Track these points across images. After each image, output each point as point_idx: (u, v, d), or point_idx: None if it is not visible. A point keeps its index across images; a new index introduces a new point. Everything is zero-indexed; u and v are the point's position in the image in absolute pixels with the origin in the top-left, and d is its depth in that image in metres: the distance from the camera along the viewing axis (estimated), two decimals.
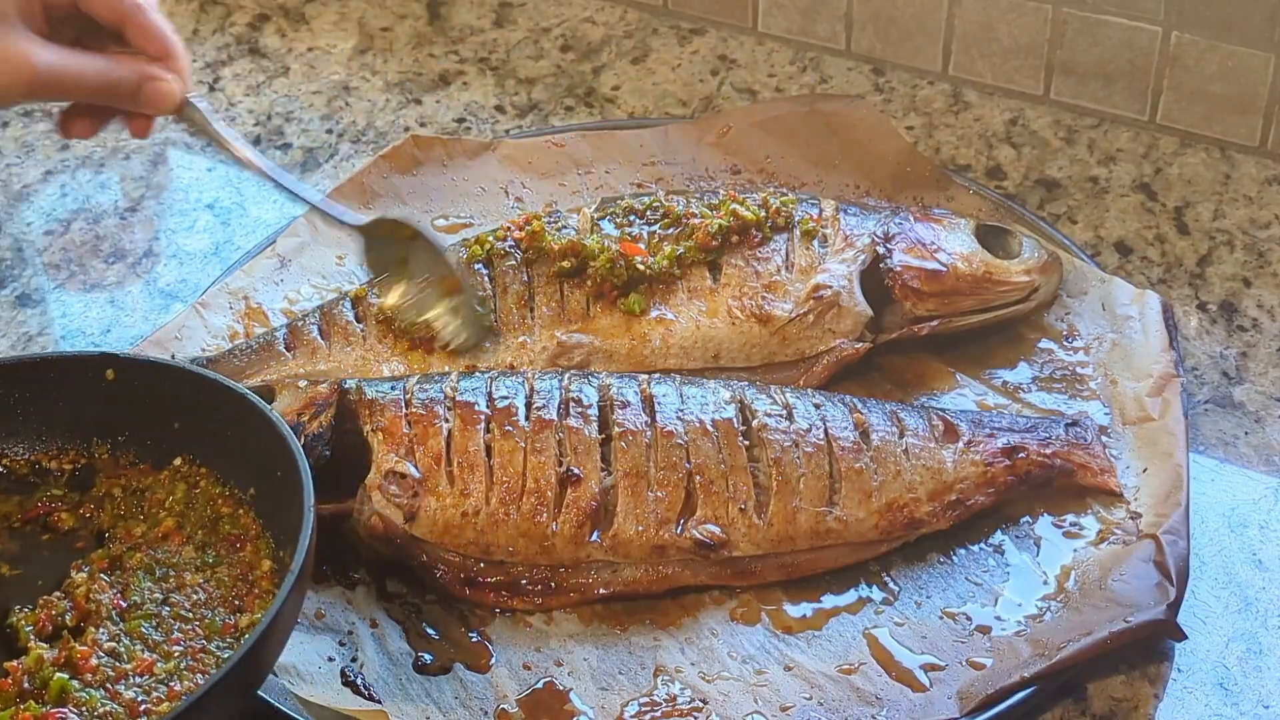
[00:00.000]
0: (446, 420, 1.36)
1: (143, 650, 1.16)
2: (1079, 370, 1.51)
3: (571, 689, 1.29)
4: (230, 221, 1.71)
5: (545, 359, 1.48)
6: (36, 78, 1.25)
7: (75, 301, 1.63)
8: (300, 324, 1.52)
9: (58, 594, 1.20)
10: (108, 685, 1.13)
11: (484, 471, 1.35)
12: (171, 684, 1.14)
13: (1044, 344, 1.54)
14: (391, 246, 1.43)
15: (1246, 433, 1.48)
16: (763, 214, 1.53)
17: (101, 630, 1.16)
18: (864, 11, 1.85)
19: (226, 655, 1.16)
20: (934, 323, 1.52)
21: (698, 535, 1.34)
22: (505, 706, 1.27)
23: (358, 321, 1.51)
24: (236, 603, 1.20)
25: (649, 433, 1.36)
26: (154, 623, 1.18)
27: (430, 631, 1.33)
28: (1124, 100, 1.77)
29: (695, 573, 1.35)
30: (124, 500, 1.28)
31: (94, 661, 1.14)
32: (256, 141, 1.80)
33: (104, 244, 1.69)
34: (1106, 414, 1.47)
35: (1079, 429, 1.43)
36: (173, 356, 1.49)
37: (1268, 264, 1.63)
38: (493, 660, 1.31)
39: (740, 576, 1.36)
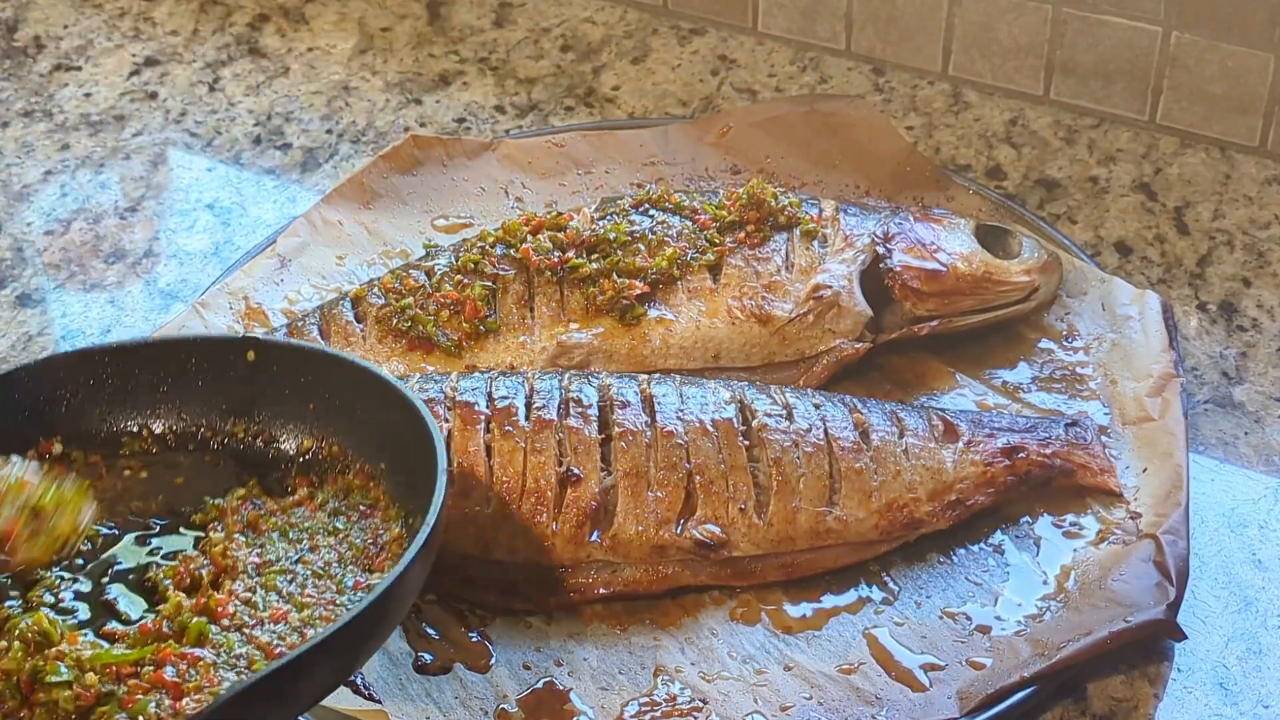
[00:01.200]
0: (446, 420, 1.36)
1: (278, 600, 1.20)
2: (1079, 370, 1.51)
3: (571, 689, 1.29)
4: (230, 221, 1.71)
5: (545, 359, 1.48)
6: None
7: (75, 301, 1.63)
8: (300, 324, 1.52)
9: (196, 551, 1.24)
10: (244, 630, 1.17)
11: (484, 471, 1.35)
12: (305, 630, 1.18)
13: (1044, 344, 1.54)
14: None
15: (1246, 433, 1.48)
16: (775, 204, 1.54)
17: (238, 583, 1.20)
18: (864, 11, 1.85)
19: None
20: (934, 323, 1.52)
21: (698, 535, 1.34)
22: (505, 706, 1.27)
23: (358, 321, 1.51)
24: (367, 563, 1.23)
25: (649, 433, 1.36)
26: (288, 577, 1.22)
27: (430, 631, 1.33)
28: (1124, 100, 1.77)
29: (695, 573, 1.35)
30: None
31: (230, 609, 1.18)
32: (257, 141, 1.80)
33: (104, 244, 1.69)
34: (1106, 414, 1.47)
35: (1079, 429, 1.43)
36: None
37: (1268, 264, 1.63)
38: (493, 660, 1.31)
39: (740, 576, 1.36)
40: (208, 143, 1.80)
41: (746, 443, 1.37)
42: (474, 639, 1.32)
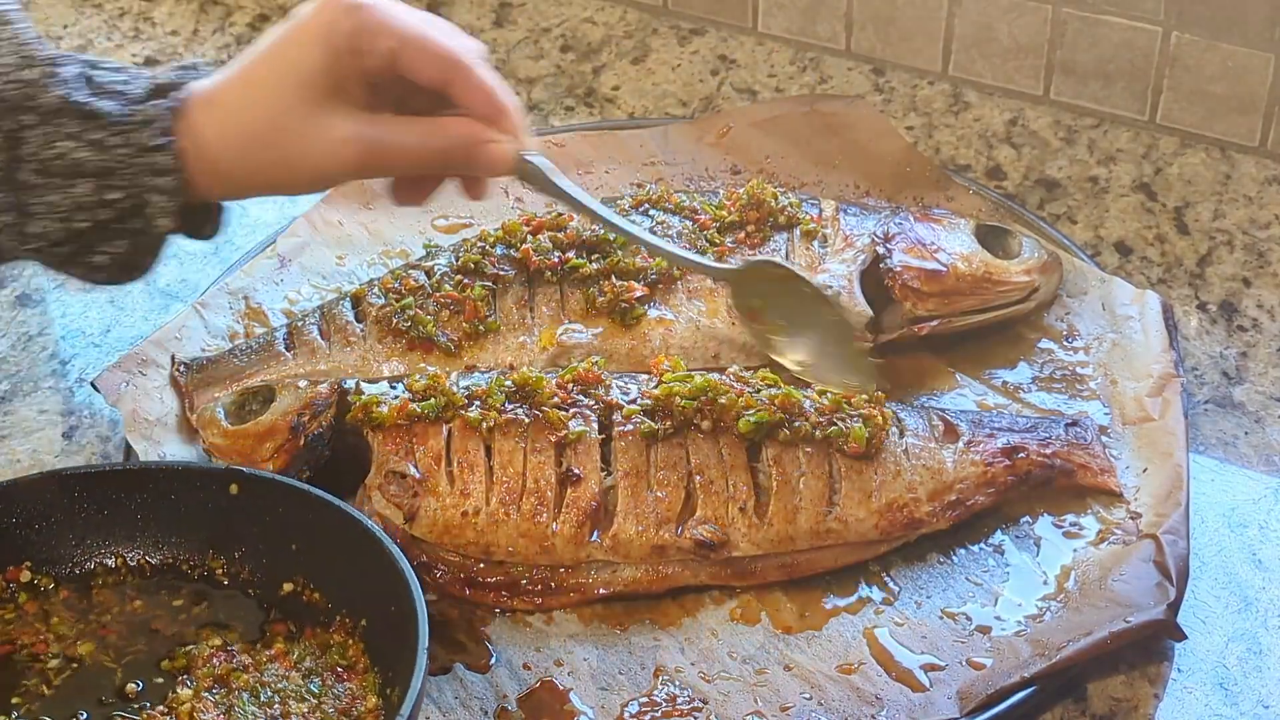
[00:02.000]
0: (447, 420, 1.36)
1: None
2: (1079, 370, 1.51)
3: (571, 689, 1.29)
4: (230, 221, 1.70)
5: (545, 359, 1.48)
6: (360, 155, 1.19)
7: (75, 301, 1.63)
8: (300, 324, 1.52)
9: (161, 708, 1.18)
10: None
11: (484, 471, 1.35)
12: None
13: (1044, 344, 1.54)
14: (766, 291, 1.38)
15: (1246, 433, 1.48)
16: (775, 204, 1.54)
17: None
18: (864, 11, 1.85)
19: None
20: (934, 323, 1.52)
21: (698, 535, 1.34)
22: (505, 706, 1.27)
23: (358, 321, 1.51)
24: None
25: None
26: None
27: (430, 631, 1.33)
28: (1124, 100, 1.77)
29: (695, 573, 1.35)
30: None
31: None
32: None
33: None
34: (1106, 414, 1.47)
35: (1079, 429, 1.43)
36: (173, 358, 1.49)
37: (1268, 264, 1.63)
38: (493, 660, 1.31)
39: (740, 576, 1.36)
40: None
41: (746, 442, 1.37)
42: (474, 639, 1.32)
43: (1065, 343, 1.54)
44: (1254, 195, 1.70)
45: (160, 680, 1.21)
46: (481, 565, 1.34)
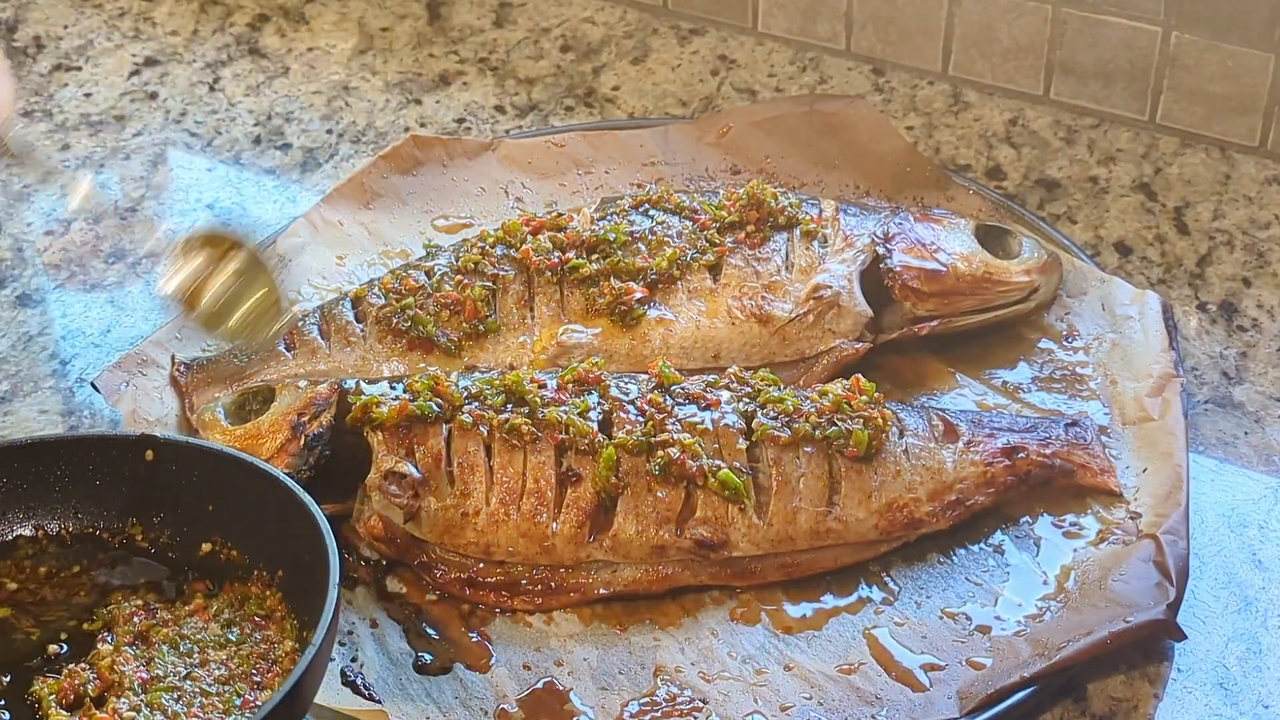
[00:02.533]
0: (447, 420, 1.36)
1: (162, 719, 1.17)
2: (1079, 370, 1.51)
3: (571, 689, 1.29)
4: (230, 221, 1.71)
5: (545, 359, 1.48)
6: None
7: (75, 301, 1.63)
8: (300, 324, 1.52)
9: (83, 664, 1.20)
10: None
11: (484, 472, 1.35)
12: None
13: (1044, 344, 1.54)
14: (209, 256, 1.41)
15: (1246, 433, 1.48)
16: (775, 205, 1.54)
17: (123, 700, 1.18)
18: (864, 11, 1.85)
19: None
20: (934, 323, 1.52)
21: (698, 535, 1.34)
22: (505, 706, 1.27)
23: (358, 321, 1.51)
24: (257, 679, 1.20)
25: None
26: (175, 695, 1.18)
27: (430, 631, 1.33)
28: (1124, 100, 1.77)
29: (695, 573, 1.35)
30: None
31: None
32: (257, 141, 1.80)
33: (104, 244, 1.69)
34: (1106, 414, 1.47)
35: (1079, 429, 1.43)
36: (173, 358, 1.49)
37: (1268, 264, 1.63)
38: (493, 660, 1.31)
39: (740, 576, 1.36)
40: (208, 143, 1.80)
41: (746, 443, 1.37)
42: (474, 639, 1.32)
43: (1065, 343, 1.54)
44: (1254, 195, 1.70)
45: (83, 642, 1.23)
46: (482, 565, 1.34)
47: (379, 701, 1.27)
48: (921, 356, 1.53)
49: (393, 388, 1.39)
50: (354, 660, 1.30)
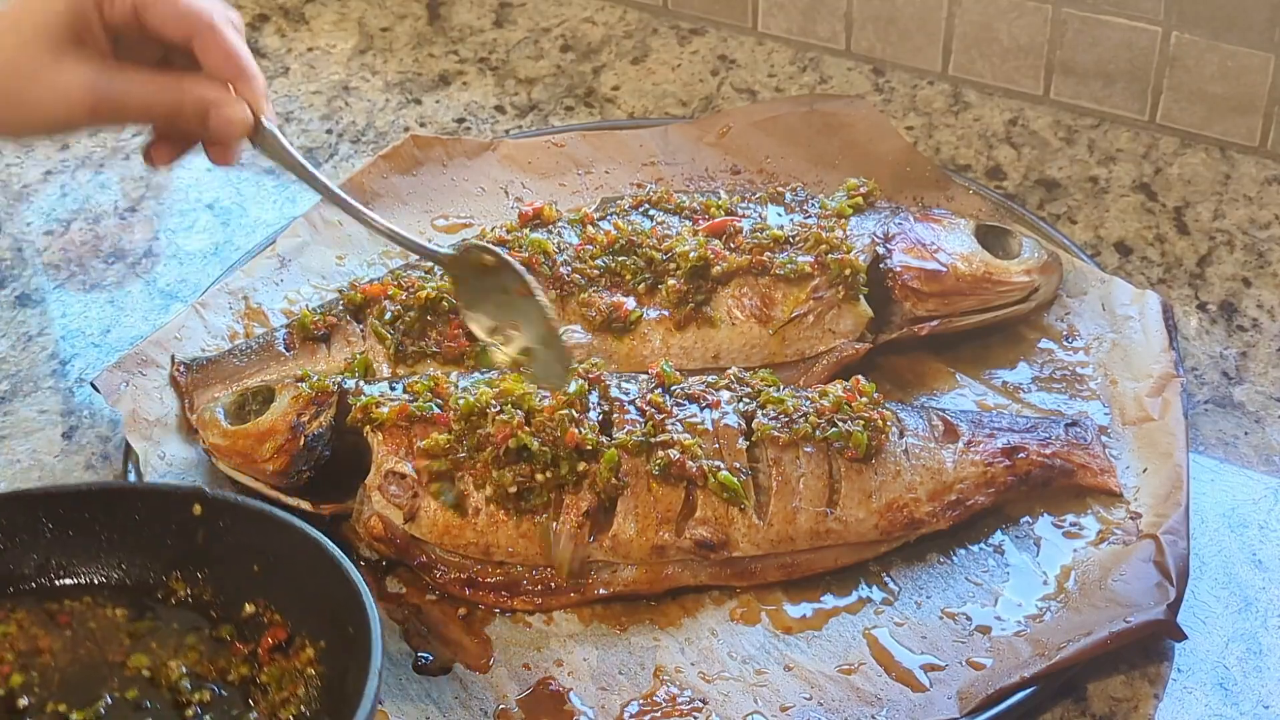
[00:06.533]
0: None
1: None
2: (1079, 370, 1.51)
3: (571, 689, 1.29)
4: (230, 221, 1.71)
5: None
6: (92, 103, 1.20)
7: (75, 301, 1.63)
8: (300, 325, 1.51)
9: None
10: None
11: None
12: None
13: (1044, 344, 1.54)
14: (480, 276, 1.36)
15: (1246, 433, 1.48)
16: (793, 233, 1.53)
17: None
18: (864, 11, 1.85)
19: None
20: (934, 323, 1.52)
21: (698, 535, 1.34)
22: (505, 706, 1.27)
23: (357, 322, 1.51)
24: None
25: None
26: None
27: (430, 632, 1.33)
28: (1124, 100, 1.77)
29: (695, 573, 1.35)
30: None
31: None
32: None
33: (104, 244, 1.69)
34: (1106, 414, 1.47)
35: (1079, 429, 1.43)
36: (173, 358, 1.49)
37: (1268, 264, 1.63)
38: (493, 660, 1.31)
39: (740, 576, 1.36)
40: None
41: (747, 443, 1.37)
42: (474, 639, 1.32)
43: (1065, 343, 1.54)
44: (1254, 195, 1.70)
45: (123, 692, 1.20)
46: (481, 565, 1.34)
47: (379, 701, 1.27)
48: (921, 356, 1.53)
49: (393, 388, 1.39)
50: None
